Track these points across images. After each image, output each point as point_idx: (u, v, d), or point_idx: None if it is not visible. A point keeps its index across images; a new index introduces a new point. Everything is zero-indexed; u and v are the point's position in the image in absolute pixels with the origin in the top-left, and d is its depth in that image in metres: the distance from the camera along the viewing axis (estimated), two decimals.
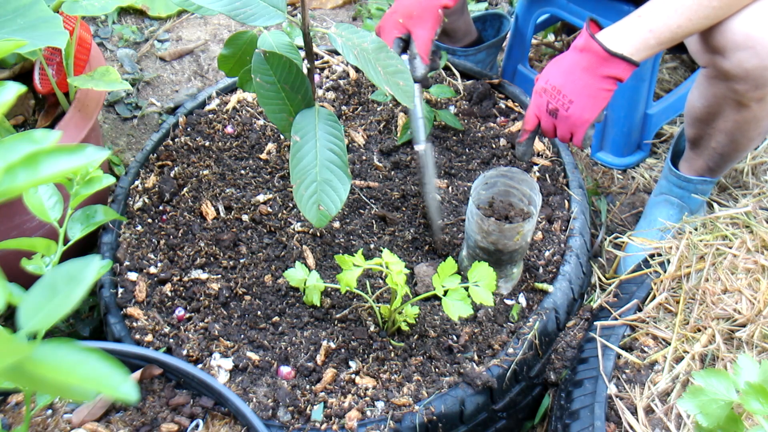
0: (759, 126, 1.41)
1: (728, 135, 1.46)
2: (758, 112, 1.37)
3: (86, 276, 0.56)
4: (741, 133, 1.44)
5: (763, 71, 1.26)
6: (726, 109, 1.39)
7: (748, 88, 1.30)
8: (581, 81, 1.27)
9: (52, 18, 1.28)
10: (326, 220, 1.20)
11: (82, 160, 0.56)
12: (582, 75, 1.27)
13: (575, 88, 1.28)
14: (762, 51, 1.24)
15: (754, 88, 1.30)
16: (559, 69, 1.30)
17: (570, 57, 1.29)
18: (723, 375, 0.82)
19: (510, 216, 1.33)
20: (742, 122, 1.40)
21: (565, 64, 1.29)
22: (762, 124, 1.41)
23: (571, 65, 1.28)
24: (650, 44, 1.24)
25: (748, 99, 1.33)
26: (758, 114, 1.37)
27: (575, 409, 1.15)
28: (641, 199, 1.85)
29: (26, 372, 0.51)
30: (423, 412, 1.17)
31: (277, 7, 1.17)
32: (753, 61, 1.25)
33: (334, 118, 1.24)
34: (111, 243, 1.44)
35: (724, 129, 1.45)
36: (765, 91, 1.31)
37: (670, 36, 1.24)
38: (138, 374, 1.10)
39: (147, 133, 2.04)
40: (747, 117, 1.38)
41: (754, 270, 1.29)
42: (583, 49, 1.27)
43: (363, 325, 1.32)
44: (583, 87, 1.27)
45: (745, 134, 1.44)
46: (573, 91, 1.28)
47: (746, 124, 1.40)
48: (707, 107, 1.43)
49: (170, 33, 2.34)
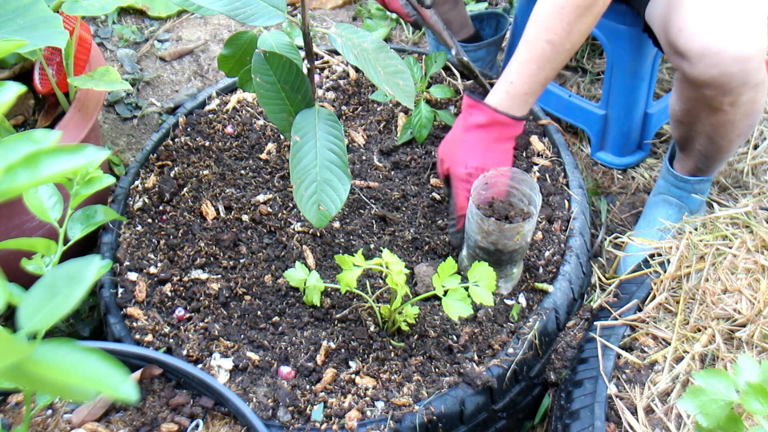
0: (736, 128, 1.40)
1: (708, 137, 1.45)
2: (732, 116, 1.36)
3: (86, 276, 0.56)
4: (719, 135, 1.43)
5: (729, 78, 1.25)
6: (701, 113, 1.39)
7: (716, 93, 1.30)
8: (498, 152, 1.41)
9: (52, 18, 1.28)
10: (326, 220, 1.20)
11: (82, 160, 0.56)
12: (497, 146, 1.40)
13: (495, 159, 1.40)
14: (723, 60, 1.23)
15: (722, 94, 1.30)
16: (474, 151, 1.40)
17: (478, 136, 1.39)
18: (723, 375, 0.82)
19: (510, 216, 1.33)
20: (718, 125, 1.40)
21: (476, 144, 1.39)
22: (739, 127, 1.40)
23: (484, 143, 1.40)
24: (531, 103, 1.39)
25: (720, 103, 1.32)
26: (732, 118, 1.36)
27: (575, 409, 1.15)
28: (641, 199, 1.85)
29: (26, 372, 0.51)
30: (423, 412, 1.17)
31: (277, 7, 1.17)
32: (716, 69, 1.25)
33: (334, 118, 1.24)
34: (111, 243, 1.44)
35: (703, 132, 1.45)
36: (735, 96, 1.30)
37: (542, 87, 1.38)
38: (138, 374, 1.10)
39: (147, 133, 2.04)
40: (722, 120, 1.38)
41: (754, 270, 1.29)
42: (490, 125, 1.38)
43: (363, 325, 1.32)
44: (500, 155, 1.41)
45: (723, 137, 1.43)
46: (495, 162, 1.40)
47: (722, 127, 1.40)
48: (685, 110, 1.43)
49: (170, 33, 2.34)
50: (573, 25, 1.28)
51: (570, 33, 1.29)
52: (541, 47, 1.32)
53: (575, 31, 1.29)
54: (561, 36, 1.29)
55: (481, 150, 1.39)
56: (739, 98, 1.30)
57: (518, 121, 1.39)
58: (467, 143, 1.39)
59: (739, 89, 1.28)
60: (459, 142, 1.41)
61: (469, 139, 1.39)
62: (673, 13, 1.29)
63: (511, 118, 1.37)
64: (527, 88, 1.36)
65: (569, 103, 1.90)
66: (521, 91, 1.36)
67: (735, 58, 1.23)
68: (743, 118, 1.36)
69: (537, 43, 1.32)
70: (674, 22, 1.28)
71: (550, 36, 1.30)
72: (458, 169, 1.40)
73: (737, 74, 1.24)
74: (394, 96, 1.16)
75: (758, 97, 1.33)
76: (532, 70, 1.34)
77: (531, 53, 1.33)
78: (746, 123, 1.39)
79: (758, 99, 1.33)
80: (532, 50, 1.33)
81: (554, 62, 1.34)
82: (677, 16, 1.28)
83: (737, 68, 1.23)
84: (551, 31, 1.30)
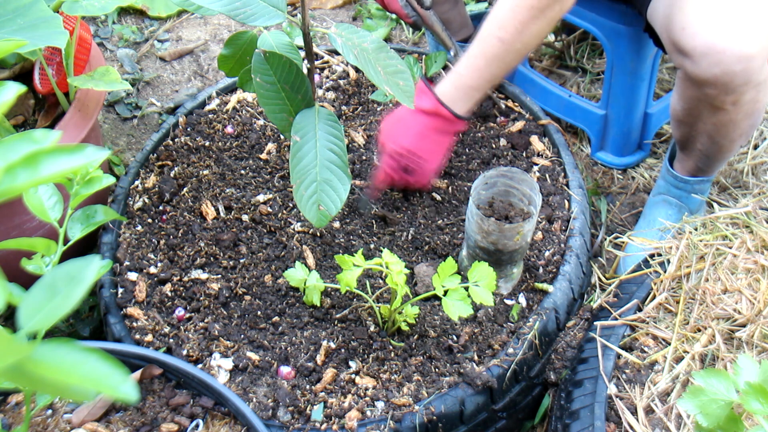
0: (738, 128, 1.40)
1: (709, 137, 1.45)
2: (734, 116, 1.35)
3: (86, 276, 0.56)
4: (721, 135, 1.43)
5: (732, 77, 1.25)
6: (703, 112, 1.39)
7: (718, 92, 1.29)
8: (432, 141, 1.43)
9: (52, 18, 1.28)
10: (326, 220, 1.20)
11: (82, 160, 0.56)
12: (433, 136, 1.43)
13: (428, 147, 1.43)
14: (726, 59, 1.23)
15: (724, 93, 1.29)
16: (408, 132, 1.42)
17: (418, 120, 1.41)
18: (723, 375, 0.82)
19: (510, 216, 1.33)
20: (720, 125, 1.40)
21: (414, 127, 1.42)
22: (741, 126, 1.39)
23: (422, 129, 1.42)
24: (476, 98, 1.41)
25: (722, 102, 1.32)
26: (734, 117, 1.36)
27: (575, 409, 1.15)
28: (641, 199, 1.85)
29: (26, 372, 0.51)
30: (423, 412, 1.17)
31: (277, 7, 1.17)
32: (718, 68, 1.24)
33: (334, 118, 1.24)
34: (111, 243, 1.44)
35: (704, 131, 1.44)
36: (737, 96, 1.30)
37: (489, 84, 1.39)
38: (138, 374, 1.10)
39: (147, 133, 2.04)
40: (724, 120, 1.37)
41: (754, 270, 1.29)
42: (433, 113, 1.40)
43: (363, 325, 1.32)
44: (434, 145, 1.44)
45: (725, 136, 1.43)
46: (426, 150, 1.43)
47: (724, 126, 1.40)
48: (686, 110, 1.43)
49: (170, 33, 2.34)
50: (525, 25, 1.29)
51: (521, 33, 1.30)
52: (491, 44, 1.33)
53: (527, 31, 1.30)
54: (512, 35, 1.31)
55: (416, 134, 1.42)
56: (741, 97, 1.30)
57: (459, 120, 1.41)
58: (407, 124, 1.43)
59: (742, 88, 1.28)
60: (400, 120, 1.44)
61: (410, 121, 1.42)
62: (676, 11, 1.29)
63: (453, 114, 1.39)
64: (473, 82, 1.38)
65: (569, 103, 1.90)
66: (467, 84, 1.38)
67: (738, 57, 1.23)
68: (745, 117, 1.36)
69: (488, 39, 1.34)
70: (677, 21, 1.28)
71: (501, 33, 1.32)
72: (389, 145, 1.44)
73: (740, 73, 1.24)
74: (394, 96, 1.16)
75: (760, 97, 1.33)
76: (480, 65, 1.36)
77: (482, 49, 1.35)
78: (748, 122, 1.39)
79: (760, 98, 1.33)
80: (484, 46, 1.35)
81: (503, 61, 1.35)
82: (680, 15, 1.28)
83: (740, 67, 1.23)
84: (503, 28, 1.31)
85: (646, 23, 1.50)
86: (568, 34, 2.18)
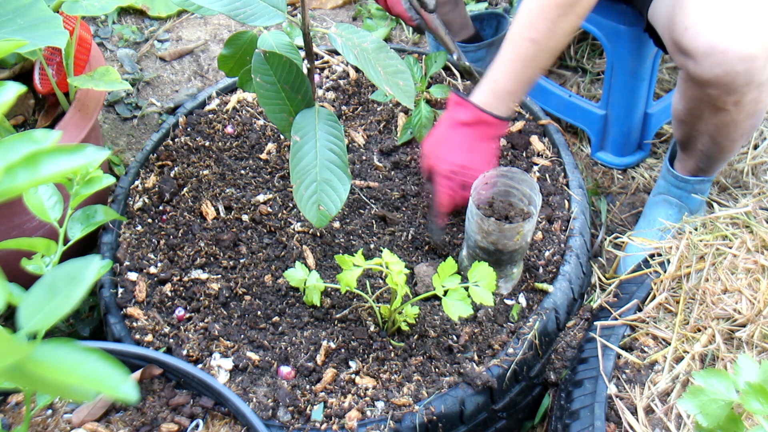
0: (739, 128, 1.40)
1: (711, 137, 1.45)
2: (736, 116, 1.35)
3: (86, 276, 0.56)
4: (722, 135, 1.43)
5: (734, 78, 1.25)
6: (705, 112, 1.39)
7: (720, 93, 1.29)
8: (481, 151, 1.40)
9: (52, 18, 1.28)
10: (326, 220, 1.20)
11: (82, 160, 0.56)
12: (481, 145, 1.40)
13: (479, 159, 1.40)
14: (728, 59, 1.23)
15: (726, 93, 1.29)
16: (457, 148, 1.39)
17: (462, 133, 1.39)
18: (723, 375, 0.82)
19: (510, 216, 1.33)
20: (721, 125, 1.39)
21: (460, 142, 1.39)
22: (742, 126, 1.39)
23: (469, 141, 1.39)
24: (515, 102, 1.40)
25: (723, 103, 1.32)
26: (736, 117, 1.36)
27: (575, 409, 1.15)
28: (641, 199, 1.85)
29: (26, 372, 0.51)
30: (423, 412, 1.17)
31: (277, 7, 1.17)
32: (721, 68, 1.24)
33: (334, 118, 1.24)
34: (111, 243, 1.44)
35: (705, 131, 1.44)
36: (739, 96, 1.29)
37: (526, 86, 1.38)
38: (138, 374, 1.10)
39: (147, 133, 2.04)
40: (725, 120, 1.37)
41: (754, 270, 1.29)
42: (475, 123, 1.38)
43: (363, 325, 1.32)
44: (484, 154, 1.41)
45: (726, 137, 1.43)
46: (478, 161, 1.40)
47: (725, 127, 1.39)
48: (688, 110, 1.43)
49: (170, 33, 2.34)
50: (556, 23, 1.29)
51: (553, 32, 1.30)
52: (524, 46, 1.32)
53: (558, 29, 1.30)
54: (544, 35, 1.30)
55: (465, 148, 1.39)
56: (743, 98, 1.30)
57: (502, 122, 1.39)
58: (451, 140, 1.40)
59: (744, 89, 1.28)
60: (444, 139, 1.41)
61: (454, 137, 1.40)
62: (678, 11, 1.29)
63: (496, 117, 1.38)
64: (511, 86, 1.37)
65: (569, 103, 1.90)
66: (505, 89, 1.37)
67: (740, 57, 1.23)
68: (746, 117, 1.36)
69: (521, 42, 1.33)
70: (679, 21, 1.28)
71: (533, 35, 1.31)
72: (441, 166, 1.40)
73: (742, 73, 1.24)
74: (394, 96, 1.16)
75: (762, 97, 1.33)
76: (516, 69, 1.35)
77: (515, 52, 1.34)
78: (749, 123, 1.39)
79: (762, 99, 1.33)
80: (516, 49, 1.34)
81: (538, 61, 1.34)
82: (682, 15, 1.28)
83: (742, 67, 1.23)
84: (534, 29, 1.31)
85: (646, 23, 1.50)
86: None
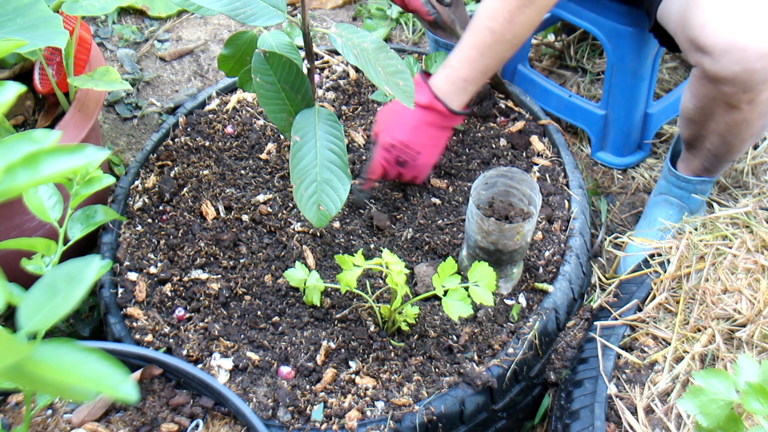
0: (751, 128, 1.39)
1: (721, 136, 1.45)
2: (749, 115, 1.35)
3: (86, 276, 0.56)
4: (733, 135, 1.42)
5: (752, 75, 1.24)
6: (717, 111, 1.38)
7: (736, 90, 1.29)
8: (427, 135, 1.43)
9: (52, 18, 1.28)
10: (326, 220, 1.20)
11: (82, 160, 0.56)
12: (428, 130, 1.43)
13: (422, 141, 1.43)
14: (747, 56, 1.22)
15: (742, 91, 1.29)
16: (403, 125, 1.42)
17: (414, 113, 1.41)
18: (723, 375, 0.82)
19: (510, 216, 1.33)
20: (733, 124, 1.39)
21: (409, 120, 1.42)
22: (754, 126, 1.39)
23: (417, 122, 1.42)
24: (471, 91, 1.42)
25: (738, 101, 1.31)
26: (749, 116, 1.35)
27: (575, 409, 1.15)
28: (641, 199, 1.85)
29: (26, 372, 0.51)
30: (423, 412, 1.17)
31: (277, 7, 1.17)
32: (739, 65, 1.24)
33: (334, 118, 1.24)
34: (111, 243, 1.44)
35: (716, 130, 1.44)
36: (754, 94, 1.29)
37: (483, 76, 1.40)
38: (138, 374, 1.10)
39: (147, 133, 2.04)
40: (737, 119, 1.37)
41: (754, 270, 1.29)
42: (428, 108, 1.41)
43: (363, 325, 1.32)
44: (429, 139, 1.44)
45: (737, 136, 1.43)
46: (420, 143, 1.43)
47: (737, 126, 1.39)
48: (699, 108, 1.42)
49: (170, 33, 2.34)
50: (514, 14, 1.31)
51: (511, 23, 1.32)
52: (482, 34, 1.34)
53: (516, 21, 1.31)
54: (502, 24, 1.32)
55: (410, 127, 1.42)
56: (759, 96, 1.30)
57: (454, 115, 1.41)
58: (402, 116, 1.43)
59: (760, 86, 1.27)
60: (396, 112, 1.44)
61: (405, 114, 1.43)
62: (694, 8, 1.28)
63: (448, 109, 1.40)
64: (467, 74, 1.38)
65: (569, 103, 1.90)
66: (461, 76, 1.39)
67: (759, 54, 1.22)
68: (759, 116, 1.36)
69: (480, 30, 1.35)
70: (696, 18, 1.27)
71: (492, 24, 1.33)
72: (384, 137, 1.44)
73: (759, 71, 1.24)
74: (394, 96, 1.16)
75: None
76: (473, 57, 1.37)
77: (473, 40, 1.36)
78: (761, 122, 1.38)
79: None
80: (475, 37, 1.36)
81: (495, 51, 1.35)
82: (699, 12, 1.27)
83: (760, 64, 1.23)
84: (493, 19, 1.33)
85: (653, 23, 1.49)
86: (568, 34, 2.18)
